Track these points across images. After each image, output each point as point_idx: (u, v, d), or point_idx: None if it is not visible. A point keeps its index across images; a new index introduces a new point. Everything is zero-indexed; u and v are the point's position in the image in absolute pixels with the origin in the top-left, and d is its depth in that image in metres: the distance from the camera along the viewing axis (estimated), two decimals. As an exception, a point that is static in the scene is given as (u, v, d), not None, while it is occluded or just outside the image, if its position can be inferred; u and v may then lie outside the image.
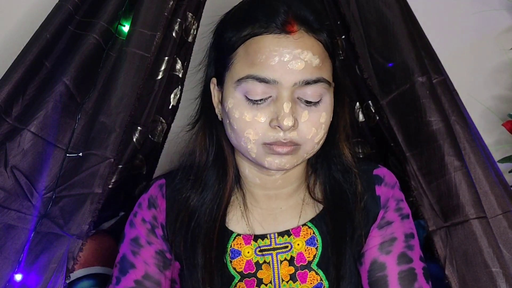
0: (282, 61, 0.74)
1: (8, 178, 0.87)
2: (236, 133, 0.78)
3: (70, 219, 0.87)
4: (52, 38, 0.91)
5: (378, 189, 0.88)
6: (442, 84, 0.94)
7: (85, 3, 0.95)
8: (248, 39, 0.76)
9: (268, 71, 0.74)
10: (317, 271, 0.83)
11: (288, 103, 0.75)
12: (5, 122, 0.88)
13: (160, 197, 0.88)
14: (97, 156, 0.89)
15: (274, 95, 0.76)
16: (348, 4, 0.96)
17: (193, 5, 1.03)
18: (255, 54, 0.75)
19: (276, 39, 0.75)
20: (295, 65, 0.74)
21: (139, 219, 0.87)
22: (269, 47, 0.74)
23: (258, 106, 0.76)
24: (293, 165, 0.80)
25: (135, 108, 0.93)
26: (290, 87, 0.75)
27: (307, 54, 0.75)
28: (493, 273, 0.86)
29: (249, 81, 0.75)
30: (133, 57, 0.91)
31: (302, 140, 0.78)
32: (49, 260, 0.85)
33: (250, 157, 0.81)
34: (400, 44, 0.92)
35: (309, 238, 0.85)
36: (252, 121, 0.76)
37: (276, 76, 0.74)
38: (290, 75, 0.74)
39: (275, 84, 0.75)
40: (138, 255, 0.85)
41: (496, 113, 1.32)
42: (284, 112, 0.74)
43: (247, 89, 0.76)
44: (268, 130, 0.76)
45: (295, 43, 0.75)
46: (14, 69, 0.89)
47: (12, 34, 1.13)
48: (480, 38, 1.31)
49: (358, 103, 1.10)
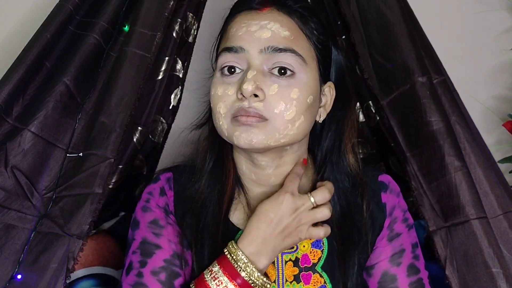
0: (249, 30, 0.78)
1: (8, 178, 0.87)
2: (213, 112, 0.82)
3: (70, 219, 0.87)
4: (52, 38, 0.91)
5: (384, 196, 0.88)
6: (443, 84, 0.94)
7: (85, 3, 0.95)
8: (227, 22, 0.83)
9: (236, 41, 0.79)
10: (321, 274, 0.84)
11: (252, 71, 0.77)
12: (6, 122, 0.88)
13: (168, 189, 0.88)
14: (98, 156, 0.89)
15: (244, 68, 0.79)
16: (348, 4, 0.96)
17: (193, 5, 1.03)
18: (229, 30, 0.81)
19: (247, 15, 0.80)
20: (262, 34, 0.78)
21: (153, 204, 0.87)
22: (239, 22, 0.80)
23: (230, 80, 0.79)
24: (263, 143, 0.77)
25: (135, 108, 0.92)
26: (256, 55, 0.78)
27: (274, 24, 0.79)
28: (494, 274, 0.86)
29: (222, 54, 0.80)
30: (134, 57, 0.91)
31: (269, 113, 0.77)
32: (49, 260, 0.85)
33: (224, 137, 0.81)
34: (400, 44, 0.92)
35: (315, 240, 0.85)
36: (222, 95, 0.79)
37: (243, 44, 0.78)
38: (256, 42, 0.78)
39: (243, 53, 0.78)
40: (161, 236, 0.84)
41: (496, 113, 1.32)
42: (246, 78, 0.76)
43: (220, 63, 0.80)
44: (235, 101, 0.78)
45: (264, 16, 0.80)
46: (15, 69, 0.89)
47: (12, 34, 1.13)
48: (480, 38, 1.31)
49: (358, 103, 1.10)
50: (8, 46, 1.12)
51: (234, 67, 0.79)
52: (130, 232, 0.87)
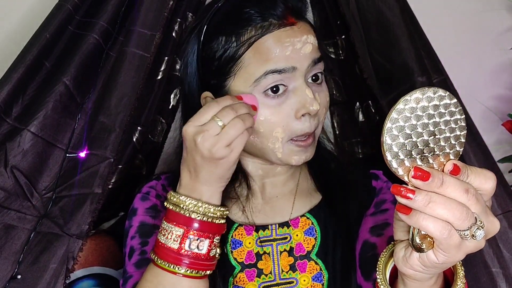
0: (296, 49, 0.76)
1: (8, 178, 0.87)
2: (263, 135, 0.78)
3: (70, 219, 0.87)
4: (52, 38, 0.92)
5: (375, 183, 0.90)
6: (442, 84, 0.94)
7: (85, 3, 0.95)
8: (254, 42, 0.76)
9: (286, 61, 0.76)
10: (316, 261, 0.84)
11: (309, 88, 0.77)
12: (5, 122, 0.88)
13: (168, 185, 0.90)
14: (97, 156, 0.89)
15: (290, 86, 0.77)
16: (348, 4, 0.96)
17: (193, 5, 1.03)
18: (267, 51, 0.76)
19: (284, 33, 0.77)
20: (306, 49, 0.77)
21: (153, 194, 0.89)
22: (280, 41, 0.76)
23: (280, 101, 0.77)
24: (313, 153, 0.82)
25: (135, 108, 0.93)
26: (304, 71, 0.77)
27: (309, 37, 0.78)
28: (493, 273, 0.86)
29: (268, 76, 0.76)
30: (133, 57, 0.91)
31: (317, 126, 0.81)
32: (49, 260, 0.85)
33: (273, 158, 0.80)
34: (400, 44, 0.92)
35: (307, 228, 0.85)
36: (278, 119, 0.77)
37: (294, 63, 0.76)
38: (304, 59, 0.77)
39: (293, 72, 0.76)
40: (159, 218, 0.85)
41: (496, 113, 1.32)
42: (309, 98, 0.76)
43: (266, 86, 0.76)
44: (295, 123, 0.78)
45: (300, 31, 0.78)
46: (14, 69, 0.89)
47: (12, 34, 1.13)
48: (480, 38, 1.31)
49: (358, 103, 1.10)
50: (8, 46, 1.12)
51: (278, 86, 0.76)
52: (127, 222, 0.87)
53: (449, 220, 0.48)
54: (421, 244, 0.52)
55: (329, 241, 0.85)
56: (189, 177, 0.73)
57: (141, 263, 0.81)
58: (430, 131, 0.51)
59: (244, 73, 0.77)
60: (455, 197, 0.49)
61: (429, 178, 0.49)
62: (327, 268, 0.84)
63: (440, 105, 0.51)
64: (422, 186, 0.49)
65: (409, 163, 0.50)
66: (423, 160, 0.51)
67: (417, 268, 0.54)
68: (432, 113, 0.50)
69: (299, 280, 0.83)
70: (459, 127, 0.52)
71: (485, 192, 0.51)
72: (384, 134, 0.50)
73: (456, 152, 0.52)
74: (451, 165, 0.50)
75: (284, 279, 0.83)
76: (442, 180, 0.49)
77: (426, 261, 0.53)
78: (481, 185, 0.51)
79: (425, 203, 0.49)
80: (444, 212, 0.48)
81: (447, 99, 0.51)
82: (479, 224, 0.49)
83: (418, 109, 0.50)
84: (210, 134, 0.69)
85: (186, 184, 0.73)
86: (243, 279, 0.83)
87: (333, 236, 0.85)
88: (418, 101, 0.50)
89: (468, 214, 0.48)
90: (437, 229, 0.48)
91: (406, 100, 0.50)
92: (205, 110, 0.71)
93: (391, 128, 0.50)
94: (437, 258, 0.52)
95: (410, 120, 0.50)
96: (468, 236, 0.49)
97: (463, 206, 0.48)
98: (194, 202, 0.71)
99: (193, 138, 0.70)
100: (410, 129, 0.50)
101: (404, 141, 0.50)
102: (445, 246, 0.50)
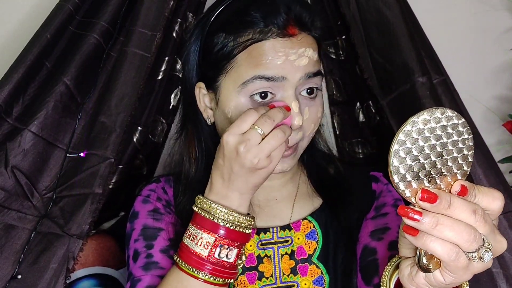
0: (289, 60, 0.75)
1: (8, 178, 0.87)
2: None
3: (70, 219, 0.87)
4: (52, 38, 0.92)
5: (375, 185, 0.90)
6: (443, 84, 0.94)
7: (85, 3, 0.95)
8: (250, 45, 0.76)
9: (276, 70, 0.75)
10: (317, 265, 0.84)
11: (296, 102, 0.75)
12: (6, 122, 0.88)
13: (168, 187, 0.90)
14: (98, 156, 0.89)
15: (278, 95, 0.76)
16: (348, 4, 0.96)
17: (193, 5, 1.03)
18: (260, 56, 0.75)
19: (280, 42, 0.75)
20: (300, 62, 0.76)
21: (154, 198, 0.88)
22: (274, 49, 0.75)
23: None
24: (293, 165, 0.80)
25: (135, 108, 0.93)
26: (295, 83, 0.76)
27: (309, 51, 0.77)
28: (493, 273, 0.86)
29: (256, 81, 0.75)
30: (134, 57, 0.91)
31: (302, 139, 0.79)
32: (49, 260, 0.85)
33: None
34: (400, 44, 0.92)
35: (309, 232, 0.85)
36: None
37: (284, 73, 0.75)
38: (296, 71, 0.76)
39: (282, 81, 0.75)
40: (161, 220, 0.85)
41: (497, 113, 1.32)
42: (294, 112, 0.75)
43: (253, 90, 0.76)
44: None
45: (298, 43, 0.76)
46: (15, 69, 0.89)
47: (12, 34, 1.13)
48: (481, 38, 1.31)
49: (358, 103, 1.10)
50: (8, 46, 1.12)
51: (266, 93, 0.76)
52: (129, 225, 0.87)
53: (457, 242, 0.48)
54: (428, 265, 0.51)
55: (330, 244, 0.85)
56: (221, 184, 0.72)
57: (148, 266, 0.81)
58: (438, 152, 0.50)
59: (234, 73, 0.77)
60: (463, 218, 0.48)
61: (436, 200, 0.48)
62: (328, 272, 0.83)
63: (448, 126, 0.50)
64: (429, 208, 0.48)
65: (416, 184, 0.49)
66: (430, 181, 0.50)
67: (423, 287, 0.54)
68: (439, 134, 0.49)
69: (300, 284, 0.83)
70: (467, 147, 0.51)
71: (492, 212, 0.50)
72: (391, 156, 0.49)
73: (463, 172, 0.51)
74: (458, 186, 0.49)
75: (285, 282, 0.83)
76: (449, 201, 0.48)
77: (433, 281, 0.52)
78: (488, 205, 0.50)
79: (433, 225, 0.47)
80: (451, 234, 0.47)
81: (455, 119, 0.50)
82: (487, 246, 0.49)
83: (425, 130, 0.49)
84: (252, 144, 0.68)
85: (218, 191, 0.73)
86: (244, 282, 0.83)
87: (334, 240, 0.85)
88: (426, 123, 0.49)
89: (476, 236, 0.48)
90: (444, 251, 0.48)
91: (413, 122, 0.49)
92: (244, 118, 0.69)
93: (398, 150, 0.49)
94: (444, 279, 0.51)
95: (418, 142, 0.49)
96: (476, 258, 0.48)
97: (471, 228, 0.48)
98: (225, 210, 0.71)
99: (235, 148, 0.69)
100: (417, 151, 0.49)
101: (411, 163, 0.49)
102: (453, 268, 0.49)
